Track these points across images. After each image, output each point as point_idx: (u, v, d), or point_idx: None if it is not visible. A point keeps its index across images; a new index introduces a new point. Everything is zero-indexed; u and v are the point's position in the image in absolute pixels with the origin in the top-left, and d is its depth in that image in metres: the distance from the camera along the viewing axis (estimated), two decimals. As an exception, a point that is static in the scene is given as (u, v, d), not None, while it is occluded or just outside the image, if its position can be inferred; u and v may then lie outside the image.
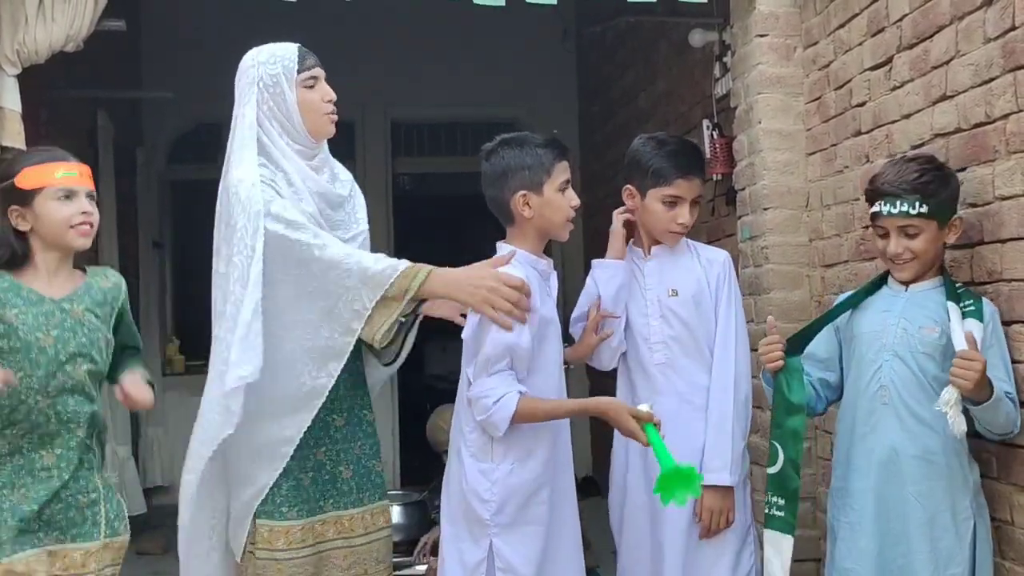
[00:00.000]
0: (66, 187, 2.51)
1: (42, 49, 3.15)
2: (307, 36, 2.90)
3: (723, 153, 4.03)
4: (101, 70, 5.47)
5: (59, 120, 4.80)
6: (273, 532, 2.68)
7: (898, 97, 2.94)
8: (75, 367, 2.51)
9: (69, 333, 2.51)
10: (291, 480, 2.71)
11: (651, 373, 2.89)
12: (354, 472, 2.80)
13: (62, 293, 2.54)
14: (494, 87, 7.17)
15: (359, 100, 7.06)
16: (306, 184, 2.72)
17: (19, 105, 3.18)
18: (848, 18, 3.21)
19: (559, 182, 2.63)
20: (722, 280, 2.90)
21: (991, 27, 2.51)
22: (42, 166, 2.52)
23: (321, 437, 2.77)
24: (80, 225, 2.51)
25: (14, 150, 3.17)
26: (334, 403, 2.76)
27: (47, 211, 2.49)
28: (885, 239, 2.59)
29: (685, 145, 2.97)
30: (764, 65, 3.54)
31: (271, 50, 2.75)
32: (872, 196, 2.61)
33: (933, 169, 2.56)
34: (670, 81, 5.08)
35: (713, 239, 4.48)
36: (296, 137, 2.73)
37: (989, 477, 2.56)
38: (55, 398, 2.49)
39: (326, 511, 2.75)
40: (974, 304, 2.49)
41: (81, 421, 2.52)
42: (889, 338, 2.59)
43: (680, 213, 2.87)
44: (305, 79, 2.72)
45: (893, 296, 2.65)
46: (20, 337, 2.46)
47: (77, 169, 2.55)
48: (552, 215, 2.64)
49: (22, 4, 3.09)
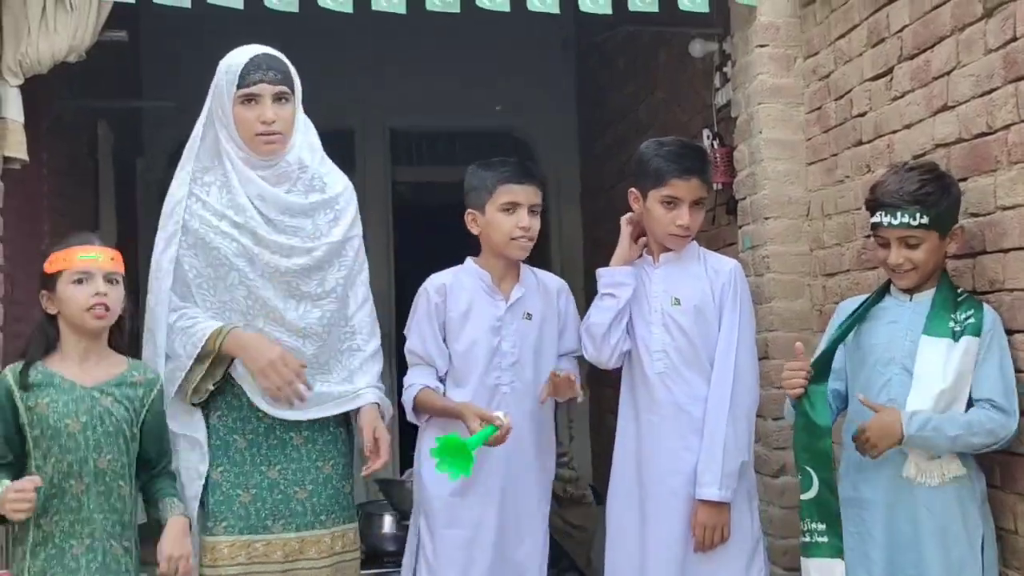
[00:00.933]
0: (81, 270, 2.55)
1: (44, 59, 3.15)
2: (306, 46, 2.92)
3: (723, 163, 4.04)
4: (102, 80, 5.47)
5: (60, 130, 4.80)
6: (203, 547, 2.71)
7: (899, 107, 2.95)
8: (100, 456, 2.54)
9: (96, 421, 2.55)
10: (219, 495, 2.71)
11: (650, 382, 2.88)
12: (314, 492, 2.77)
13: (94, 381, 2.58)
14: (493, 97, 7.17)
15: (358, 109, 7.07)
16: (244, 188, 2.74)
17: (22, 115, 3.18)
18: (848, 29, 3.22)
19: (499, 203, 2.89)
20: (727, 289, 2.88)
21: (992, 38, 2.52)
22: (65, 251, 2.58)
23: (276, 456, 2.76)
24: (94, 307, 2.54)
25: (17, 161, 3.19)
26: (292, 420, 2.76)
27: (66, 295, 2.55)
28: (886, 249, 2.58)
29: (686, 146, 2.97)
30: (765, 75, 3.55)
31: (230, 56, 2.76)
32: (873, 206, 2.60)
33: (934, 179, 2.55)
34: (670, 91, 5.09)
35: (714, 248, 4.44)
36: (240, 146, 2.75)
37: (992, 486, 2.56)
38: (88, 484, 2.52)
39: (272, 531, 2.73)
40: (973, 315, 2.48)
41: (107, 514, 2.54)
42: (897, 351, 2.58)
43: (679, 214, 2.85)
44: (241, 96, 2.72)
45: (899, 306, 2.63)
46: (50, 424, 2.51)
47: (96, 252, 2.59)
48: (493, 233, 2.92)
49: (24, 15, 3.10)
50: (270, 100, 2.72)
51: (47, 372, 2.55)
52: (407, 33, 5.90)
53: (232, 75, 2.71)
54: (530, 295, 2.98)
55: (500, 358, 2.90)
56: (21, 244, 3.76)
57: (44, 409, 2.51)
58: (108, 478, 2.55)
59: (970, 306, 2.52)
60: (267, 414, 2.75)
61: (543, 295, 3.00)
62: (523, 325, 2.94)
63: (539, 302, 2.98)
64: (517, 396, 2.91)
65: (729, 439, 2.79)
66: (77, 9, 3.12)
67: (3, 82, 3.15)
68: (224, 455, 2.75)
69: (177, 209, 2.76)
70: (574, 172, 7.42)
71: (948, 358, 2.47)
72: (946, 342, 2.48)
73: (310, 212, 2.81)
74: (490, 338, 2.91)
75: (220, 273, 2.75)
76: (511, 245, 2.92)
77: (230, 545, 2.70)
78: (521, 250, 2.94)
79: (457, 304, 2.93)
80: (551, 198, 7.58)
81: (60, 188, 4.83)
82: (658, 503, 2.85)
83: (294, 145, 2.80)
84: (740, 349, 2.85)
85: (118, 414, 2.57)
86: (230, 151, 2.75)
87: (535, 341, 2.95)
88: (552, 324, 2.99)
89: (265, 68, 2.71)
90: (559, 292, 3.04)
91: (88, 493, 2.52)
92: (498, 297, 2.94)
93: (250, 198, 2.75)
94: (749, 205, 3.69)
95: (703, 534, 2.79)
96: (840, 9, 3.27)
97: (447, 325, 2.93)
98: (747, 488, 2.88)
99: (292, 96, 2.78)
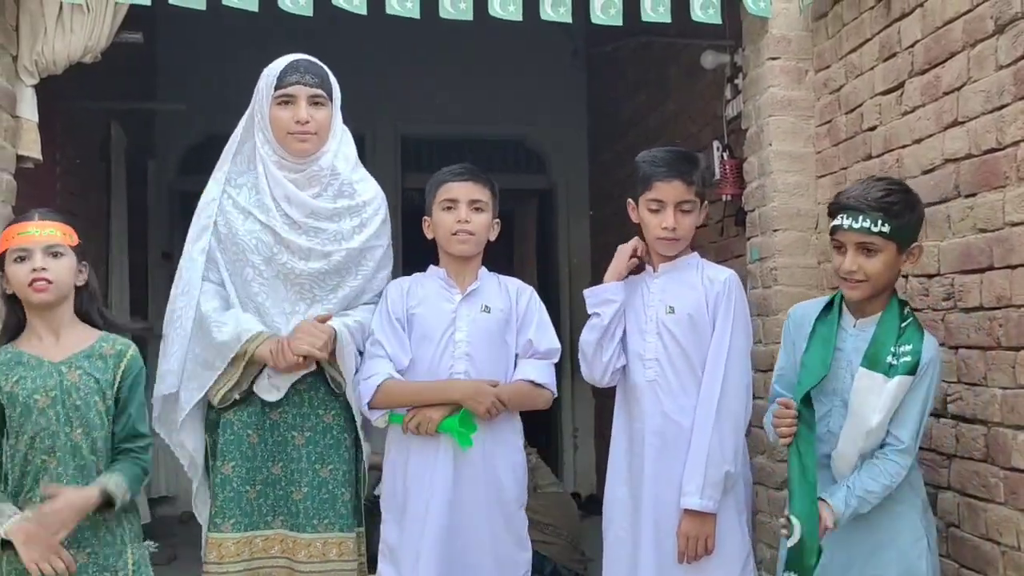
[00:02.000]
0: (20, 247, 2.52)
1: (60, 60, 3.18)
2: (318, 51, 2.93)
3: (733, 174, 4.05)
4: (115, 81, 5.51)
5: (73, 130, 4.83)
6: (209, 544, 2.75)
7: (909, 122, 2.95)
8: (72, 429, 2.50)
9: (64, 395, 2.51)
10: (228, 491, 2.74)
11: (641, 390, 2.89)
12: (308, 495, 2.78)
13: (62, 355, 2.55)
14: (504, 105, 7.20)
15: (369, 115, 7.09)
16: (272, 190, 2.82)
17: (36, 115, 3.21)
18: (860, 43, 3.23)
19: (440, 201, 2.97)
20: (721, 298, 2.87)
21: (1003, 54, 2.53)
22: (7, 230, 2.58)
23: (278, 452, 2.79)
24: (35, 282, 2.50)
25: (30, 159, 3.21)
26: (295, 419, 2.80)
27: (10, 273, 2.53)
28: (842, 254, 2.56)
29: (672, 152, 2.99)
30: (775, 88, 3.55)
31: (272, 64, 2.85)
32: (835, 210, 2.59)
33: (901, 191, 2.56)
34: (680, 102, 5.10)
35: (722, 260, 4.48)
36: (275, 148, 2.83)
37: (995, 502, 2.56)
38: (62, 459, 2.49)
39: (273, 527, 2.76)
40: (911, 349, 2.48)
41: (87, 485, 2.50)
42: (839, 383, 2.59)
43: (664, 217, 2.87)
44: (278, 96, 2.80)
45: (842, 331, 2.61)
46: (21, 401, 2.49)
47: (33, 227, 2.54)
48: (437, 232, 3.00)
49: (41, 15, 3.12)
50: (305, 101, 2.80)
51: (15, 352, 2.54)
52: (419, 41, 5.92)
53: (271, 78, 2.81)
54: (488, 291, 2.99)
55: (453, 347, 2.91)
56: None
57: (14, 388, 2.49)
58: (85, 452, 2.51)
59: (911, 337, 2.50)
60: (273, 410, 2.80)
61: (505, 294, 3.01)
62: (480, 317, 2.95)
63: (499, 300, 2.99)
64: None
65: (713, 448, 2.78)
66: (93, 10, 3.15)
67: (19, 82, 3.18)
68: (237, 450, 2.78)
69: (211, 206, 2.87)
70: (583, 181, 7.44)
71: (881, 395, 2.48)
72: (880, 378, 2.48)
73: (335, 216, 2.87)
74: (443, 327, 2.93)
75: (237, 268, 2.83)
76: (451, 241, 2.95)
77: (237, 542, 2.72)
78: (461, 244, 2.95)
79: (415, 297, 2.97)
80: (560, 206, 7.62)
81: (73, 187, 4.87)
82: (648, 513, 2.85)
83: (328, 151, 2.87)
84: (730, 357, 2.83)
85: (85, 387, 2.52)
86: (264, 155, 2.84)
87: (491, 334, 2.94)
88: (513, 322, 2.99)
89: (303, 71, 2.80)
90: (519, 292, 3.03)
91: (64, 468, 2.48)
92: (454, 290, 2.98)
93: (276, 200, 2.82)
94: (758, 217, 3.70)
95: (686, 544, 2.78)
96: (852, 23, 3.28)
97: (407, 319, 2.96)
98: (736, 499, 2.86)
99: (329, 102, 2.86)
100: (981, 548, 2.62)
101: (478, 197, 2.96)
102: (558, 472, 6.79)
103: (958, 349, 2.72)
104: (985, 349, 2.61)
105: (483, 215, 2.97)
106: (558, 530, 4.63)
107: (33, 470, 2.48)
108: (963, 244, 2.69)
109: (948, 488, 2.77)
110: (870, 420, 2.50)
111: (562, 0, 3.25)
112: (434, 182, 3.02)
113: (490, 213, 3.00)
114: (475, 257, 3.01)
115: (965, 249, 2.68)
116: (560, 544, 4.64)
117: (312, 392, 2.84)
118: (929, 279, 2.85)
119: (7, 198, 3.12)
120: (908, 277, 2.94)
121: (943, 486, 2.79)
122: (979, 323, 2.63)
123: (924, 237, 2.71)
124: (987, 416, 2.60)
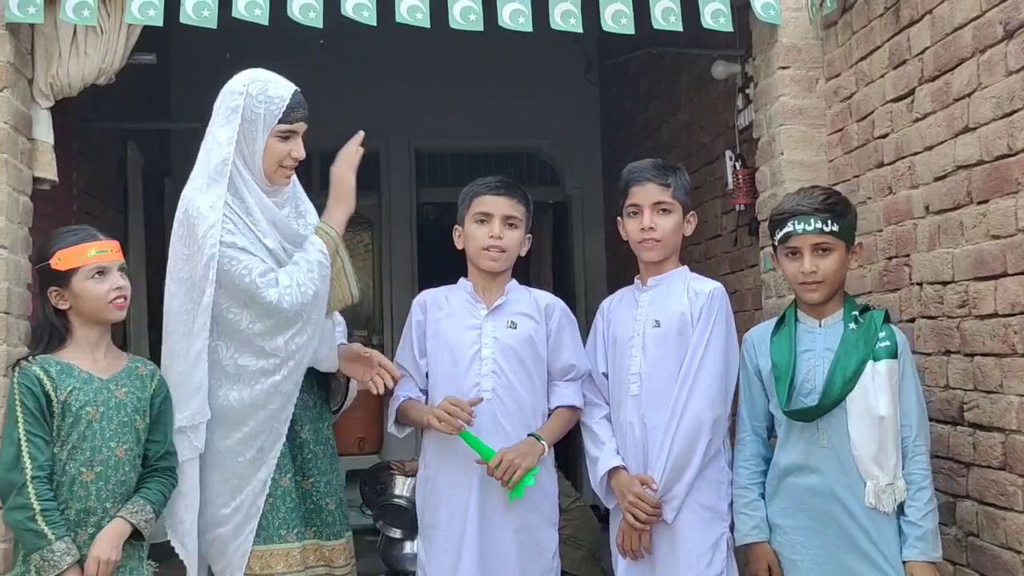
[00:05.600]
0: (99, 264, 2.65)
1: (75, 82, 3.20)
2: (332, 68, 2.96)
3: (745, 184, 4.04)
4: (131, 101, 5.56)
5: (90, 151, 4.87)
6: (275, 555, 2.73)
7: (920, 129, 2.95)
8: (118, 444, 2.61)
9: (113, 411, 2.62)
10: (289, 502, 2.75)
11: (625, 404, 2.89)
12: (335, 503, 2.85)
13: (108, 373, 2.67)
14: (517, 118, 7.21)
15: (383, 130, 7.12)
16: (264, 215, 2.77)
17: (52, 137, 3.24)
18: (870, 51, 3.22)
19: (474, 214, 2.96)
20: (703, 310, 2.85)
21: (1013, 60, 2.52)
22: (75, 247, 2.66)
23: (307, 467, 2.82)
24: (116, 299, 2.66)
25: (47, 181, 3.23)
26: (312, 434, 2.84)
27: (84, 290, 2.64)
28: (796, 261, 2.68)
29: (648, 160, 3.04)
30: (786, 97, 3.55)
31: (264, 86, 2.74)
32: (780, 221, 2.72)
33: (836, 194, 2.78)
34: (692, 112, 5.10)
35: (736, 269, 4.48)
36: (255, 171, 2.77)
37: (1015, 510, 2.54)
38: (100, 473, 2.58)
39: (308, 538, 2.79)
40: (886, 336, 2.59)
41: (116, 503, 2.59)
42: (818, 380, 2.63)
43: (641, 219, 2.89)
44: (282, 131, 2.75)
45: (809, 332, 2.70)
46: (73, 412, 2.57)
47: (108, 246, 2.70)
48: (468, 245, 2.99)
49: (56, 39, 3.15)
50: (301, 137, 2.80)
51: (65, 364, 2.62)
52: (432, 55, 5.95)
53: (276, 108, 2.73)
54: (517, 306, 2.99)
55: (480, 364, 2.91)
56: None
57: (68, 397, 2.58)
58: (127, 468, 2.61)
59: (876, 326, 2.61)
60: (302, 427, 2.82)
61: (534, 310, 3.00)
62: (506, 333, 2.94)
63: (528, 315, 2.98)
64: (500, 403, 2.91)
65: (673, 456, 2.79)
66: (107, 33, 3.17)
67: (34, 104, 3.20)
68: (292, 463, 2.79)
69: (212, 232, 2.69)
70: (598, 193, 7.44)
71: (875, 379, 2.56)
72: (870, 363, 2.58)
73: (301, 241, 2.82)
74: (469, 342, 2.93)
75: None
76: (482, 256, 2.95)
77: (302, 550, 2.76)
78: (492, 261, 2.95)
79: (439, 312, 2.99)
80: (575, 219, 7.62)
81: (89, 207, 4.91)
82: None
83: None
84: (702, 364, 2.81)
85: (131, 405, 2.64)
86: (245, 175, 2.76)
87: (518, 351, 2.94)
88: (542, 339, 2.98)
89: (303, 106, 2.79)
90: (551, 309, 3.01)
91: (97, 482, 2.56)
92: (479, 304, 2.97)
93: (267, 224, 2.78)
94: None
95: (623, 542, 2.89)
96: (861, 31, 3.28)
97: (429, 335, 2.98)
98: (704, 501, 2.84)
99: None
100: (1001, 557, 2.60)
101: (512, 213, 2.96)
102: (577, 485, 6.77)
103: (973, 357, 2.70)
104: (1000, 356, 2.59)
105: (516, 231, 2.97)
106: (579, 542, 4.61)
107: (68, 480, 2.56)
108: (976, 251, 2.67)
109: (967, 497, 2.75)
110: (876, 408, 2.55)
111: (572, 11, 3.25)
112: (469, 193, 3.01)
113: (523, 229, 3.00)
114: (504, 272, 3.00)
115: (978, 256, 2.67)
116: (581, 556, 4.62)
117: (311, 402, 2.88)
118: (943, 286, 2.83)
119: (24, 220, 3.15)
120: (923, 285, 2.93)
121: (961, 495, 2.77)
122: (994, 330, 2.61)
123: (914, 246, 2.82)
124: (1004, 424, 2.58)
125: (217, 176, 2.74)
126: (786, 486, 2.70)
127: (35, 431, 2.53)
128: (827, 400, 2.60)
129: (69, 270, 2.63)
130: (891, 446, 2.56)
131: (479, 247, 2.94)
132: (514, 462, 2.82)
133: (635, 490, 2.82)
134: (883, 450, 2.56)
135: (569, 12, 3.24)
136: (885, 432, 2.55)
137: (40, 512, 2.49)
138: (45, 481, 2.52)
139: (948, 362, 2.80)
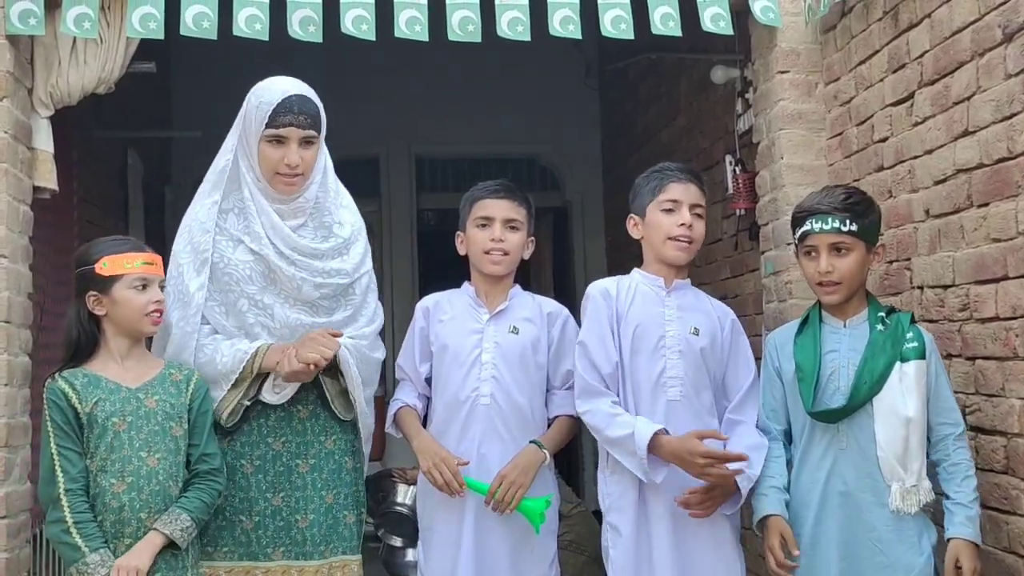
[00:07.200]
0: (143, 276, 2.64)
1: (74, 91, 3.21)
2: (333, 75, 2.95)
3: (745, 188, 4.04)
4: (132, 109, 5.57)
5: (90, 159, 4.88)
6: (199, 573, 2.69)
7: (920, 133, 2.95)
8: (149, 454, 2.58)
9: (143, 421, 2.60)
10: (220, 520, 2.71)
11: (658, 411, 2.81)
12: (314, 522, 2.75)
13: (137, 382, 2.65)
14: (517, 123, 7.22)
15: (383, 136, 7.14)
16: (260, 218, 2.76)
17: (52, 146, 3.24)
18: (869, 54, 3.23)
19: (475, 218, 2.97)
20: (733, 335, 2.92)
21: (1012, 63, 2.52)
22: (123, 255, 2.65)
23: (281, 483, 2.76)
24: (152, 313, 2.64)
25: (47, 190, 3.24)
26: (298, 448, 2.77)
27: (125, 299, 2.62)
28: (814, 260, 2.65)
29: (676, 164, 3.04)
30: (786, 101, 3.55)
31: (261, 91, 2.74)
32: (800, 219, 2.69)
33: (859, 193, 2.73)
34: (692, 117, 5.11)
35: (736, 274, 4.48)
36: (258, 178, 2.76)
37: (1017, 514, 2.53)
38: (132, 483, 2.56)
39: (273, 559, 2.72)
40: (914, 336, 2.58)
41: (153, 514, 2.56)
42: (842, 381, 2.62)
43: (681, 215, 2.87)
44: (268, 135, 2.72)
45: (834, 333, 2.69)
46: (99, 423, 2.56)
47: (154, 260, 2.70)
48: (471, 249, 2.99)
49: (55, 48, 3.16)
50: (296, 144, 2.72)
51: (92, 376, 2.61)
52: (432, 61, 5.96)
53: (263, 113, 2.71)
54: (519, 311, 2.98)
55: (480, 369, 2.90)
56: (51, 272, 3.82)
57: (93, 409, 2.56)
58: (162, 477, 2.58)
59: (904, 327, 2.59)
60: (276, 440, 2.78)
61: (537, 316, 2.99)
62: (508, 338, 2.93)
63: (531, 321, 2.97)
64: (498, 410, 2.90)
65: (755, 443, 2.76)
66: (106, 42, 3.18)
67: (34, 114, 3.21)
68: (230, 479, 2.73)
69: (205, 239, 2.77)
70: (598, 198, 7.45)
71: (903, 381, 2.54)
72: (897, 364, 2.57)
73: (318, 255, 2.80)
74: (470, 347, 2.92)
75: (231, 299, 2.78)
76: (485, 259, 2.95)
77: (229, 571, 2.71)
78: (494, 264, 2.95)
79: (441, 317, 2.99)
80: (575, 224, 7.63)
81: (90, 216, 4.91)
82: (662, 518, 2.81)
83: (312, 183, 2.80)
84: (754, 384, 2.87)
85: (163, 413, 2.62)
86: (249, 180, 2.77)
87: (520, 357, 2.92)
88: (544, 346, 2.97)
89: (296, 111, 2.71)
90: (554, 316, 3.00)
91: (129, 492, 2.54)
92: (481, 308, 2.97)
93: (264, 227, 2.77)
94: (771, 231, 3.69)
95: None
96: (860, 35, 3.28)
97: (431, 338, 2.98)
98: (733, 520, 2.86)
99: (318, 139, 2.79)
100: (1004, 561, 2.59)
101: (513, 216, 2.96)
102: (577, 490, 6.76)
103: (975, 360, 2.70)
104: (1002, 360, 2.59)
105: (518, 234, 2.97)
106: (581, 548, 4.60)
107: (100, 492, 2.55)
108: (977, 254, 2.67)
109: (969, 500, 2.74)
110: (904, 409, 2.54)
111: (571, 17, 3.25)
112: (469, 198, 3.02)
113: (525, 232, 3.00)
114: (507, 276, 3.00)
115: (979, 259, 2.66)
116: (582, 562, 4.62)
117: (313, 420, 2.81)
118: (944, 290, 2.83)
119: (24, 229, 3.15)
120: (924, 288, 2.93)
121: (964, 498, 2.76)
122: (995, 333, 2.61)
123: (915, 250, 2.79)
124: (1006, 427, 2.58)
125: (217, 182, 2.80)
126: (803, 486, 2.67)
127: (65, 444, 2.54)
128: (855, 401, 2.59)
129: (112, 276, 2.61)
130: (916, 447, 2.55)
131: (481, 250, 2.95)
132: (515, 482, 2.81)
133: (699, 450, 2.65)
134: (908, 451, 2.55)
135: (568, 18, 3.24)
136: (911, 433, 2.54)
137: (73, 524, 2.49)
138: (79, 493, 2.52)
139: (950, 366, 2.80)
